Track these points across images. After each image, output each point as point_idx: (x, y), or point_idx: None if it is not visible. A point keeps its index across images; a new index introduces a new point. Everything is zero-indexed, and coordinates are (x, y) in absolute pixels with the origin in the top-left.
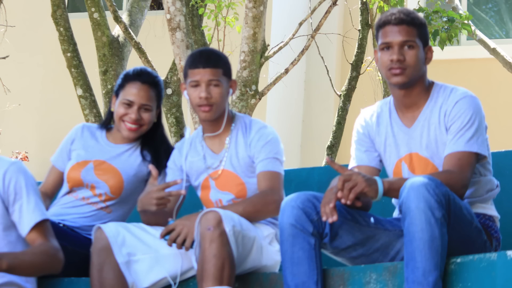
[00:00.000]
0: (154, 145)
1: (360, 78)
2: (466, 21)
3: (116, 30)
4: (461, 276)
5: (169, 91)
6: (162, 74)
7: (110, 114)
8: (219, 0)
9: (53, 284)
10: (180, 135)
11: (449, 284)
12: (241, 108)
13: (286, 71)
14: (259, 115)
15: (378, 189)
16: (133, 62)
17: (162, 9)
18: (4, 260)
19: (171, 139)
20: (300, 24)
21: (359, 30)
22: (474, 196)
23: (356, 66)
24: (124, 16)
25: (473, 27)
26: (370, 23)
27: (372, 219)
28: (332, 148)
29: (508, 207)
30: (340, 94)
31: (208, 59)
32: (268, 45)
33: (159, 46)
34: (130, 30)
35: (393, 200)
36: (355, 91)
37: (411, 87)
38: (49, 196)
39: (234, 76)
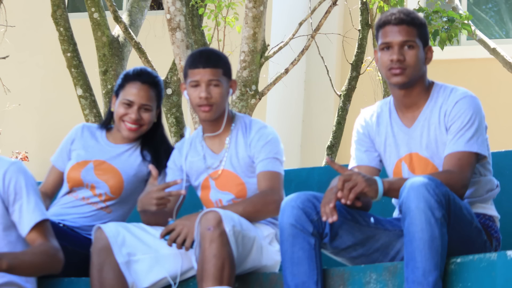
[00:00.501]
0: (154, 145)
1: (360, 78)
2: (466, 21)
3: (116, 30)
4: (461, 276)
5: (169, 91)
6: (162, 74)
7: (110, 114)
8: (219, 0)
9: (53, 284)
10: (180, 135)
11: (449, 284)
12: (241, 108)
13: (286, 71)
14: (259, 115)
15: (378, 189)
16: (133, 62)
17: (162, 9)
18: (4, 260)
19: (171, 139)
20: (300, 24)
21: (359, 30)
22: (474, 196)
23: (356, 66)
24: (124, 16)
25: (473, 27)
26: (370, 23)
27: (372, 219)
28: (332, 148)
29: (508, 207)
30: (340, 94)
31: (208, 59)
32: (268, 45)
33: (159, 46)
34: (130, 30)
35: (393, 200)
36: (355, 91)
37: (411, 87)
38: (49, 196)
39: (234, 76)
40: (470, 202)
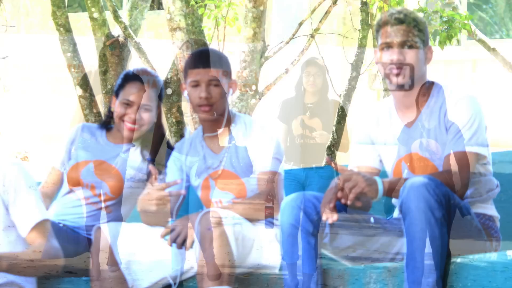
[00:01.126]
0: (154, 145)
1: (360, 78)
2: (466, 21)
3: (116, 30)
4: (461, 276)
5: (169, 91)
6: (162, 74)
7: (110, 114)
8: (219, 0)
9: (53, 284)
10: (180, 135)
11: (449, 284)
12: (241, 108)
13: (286, 71)
14: (259, 115)
15: (378, 189)
16: (133, 62)
17: (162, 9)
18: (4, 260)
19: (171, 139)
20: (300, 24)
21: (359, 30)
22: (474, 196)
23: (356, 66)
24: (124, 16)
25: (473, 27)
26: (370, 23)
27: (372, 219)
28: (332, 148)
29: (508, 207)
30: (340, 94)
31: (208, 59)
32: (268, 45)
33: (159, 46)
34: (130, 30)
35: (393, 200)
36: (355, 91)
37: (411, 87)
38: (49, 196)
39: (234, 76)
40: (470, 202)
